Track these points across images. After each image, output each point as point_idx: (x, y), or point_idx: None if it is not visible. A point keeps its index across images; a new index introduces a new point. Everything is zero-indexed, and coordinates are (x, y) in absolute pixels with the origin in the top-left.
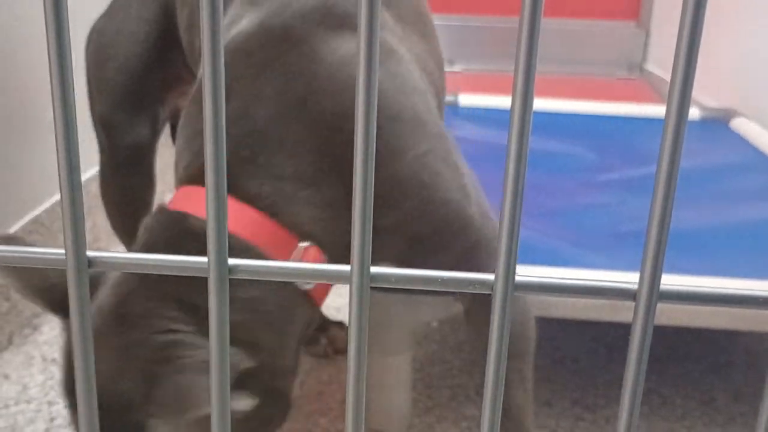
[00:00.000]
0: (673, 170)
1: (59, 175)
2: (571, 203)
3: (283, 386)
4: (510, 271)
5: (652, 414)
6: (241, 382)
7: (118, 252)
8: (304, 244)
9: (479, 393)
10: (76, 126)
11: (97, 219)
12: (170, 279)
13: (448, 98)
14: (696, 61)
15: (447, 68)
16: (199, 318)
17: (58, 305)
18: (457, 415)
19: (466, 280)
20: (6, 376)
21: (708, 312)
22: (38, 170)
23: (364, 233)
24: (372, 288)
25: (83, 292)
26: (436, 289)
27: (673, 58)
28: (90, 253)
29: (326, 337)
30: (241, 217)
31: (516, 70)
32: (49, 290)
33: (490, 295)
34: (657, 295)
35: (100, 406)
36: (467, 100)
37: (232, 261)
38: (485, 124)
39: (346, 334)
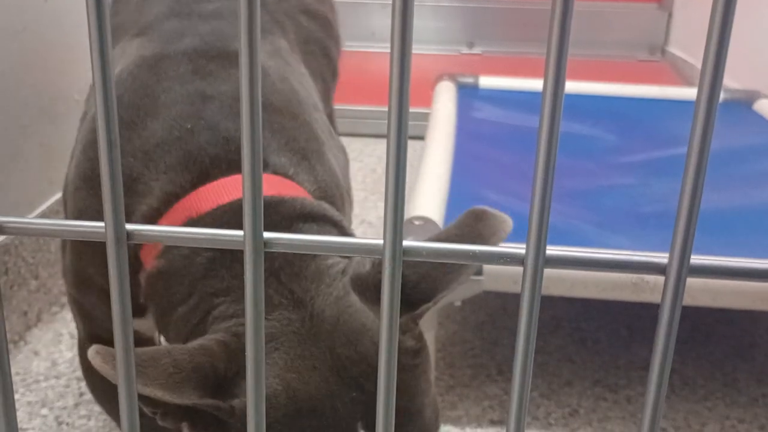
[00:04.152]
0: (705, 141)
1: (99, 149)
2: (592, 185)
3: None
4: (541, 246)
5: (673, 395)
6: None
7: (156, 226)
8: None
9: (500, 372)
10: (115, 101)
11: None
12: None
13: (468, 80)
14: (728, 45)
15: (467, 51)
16: None
17: (212, 389)
18: (478, 393)
19: (498, 253)
20: (36, 352)
21: (731, 293)
22: (65, 150)
23: (397, 210)
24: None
25: (122, 265)
26: (466, 263)
27: (695, 40)
28: (129, 226)
29: None
30: (276, 183)
31: (548, 54)
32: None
33: None
34: (687, 269)
35: None
36: (487, 82)
37: (266, 234)
38: (505, 106)
39: None
